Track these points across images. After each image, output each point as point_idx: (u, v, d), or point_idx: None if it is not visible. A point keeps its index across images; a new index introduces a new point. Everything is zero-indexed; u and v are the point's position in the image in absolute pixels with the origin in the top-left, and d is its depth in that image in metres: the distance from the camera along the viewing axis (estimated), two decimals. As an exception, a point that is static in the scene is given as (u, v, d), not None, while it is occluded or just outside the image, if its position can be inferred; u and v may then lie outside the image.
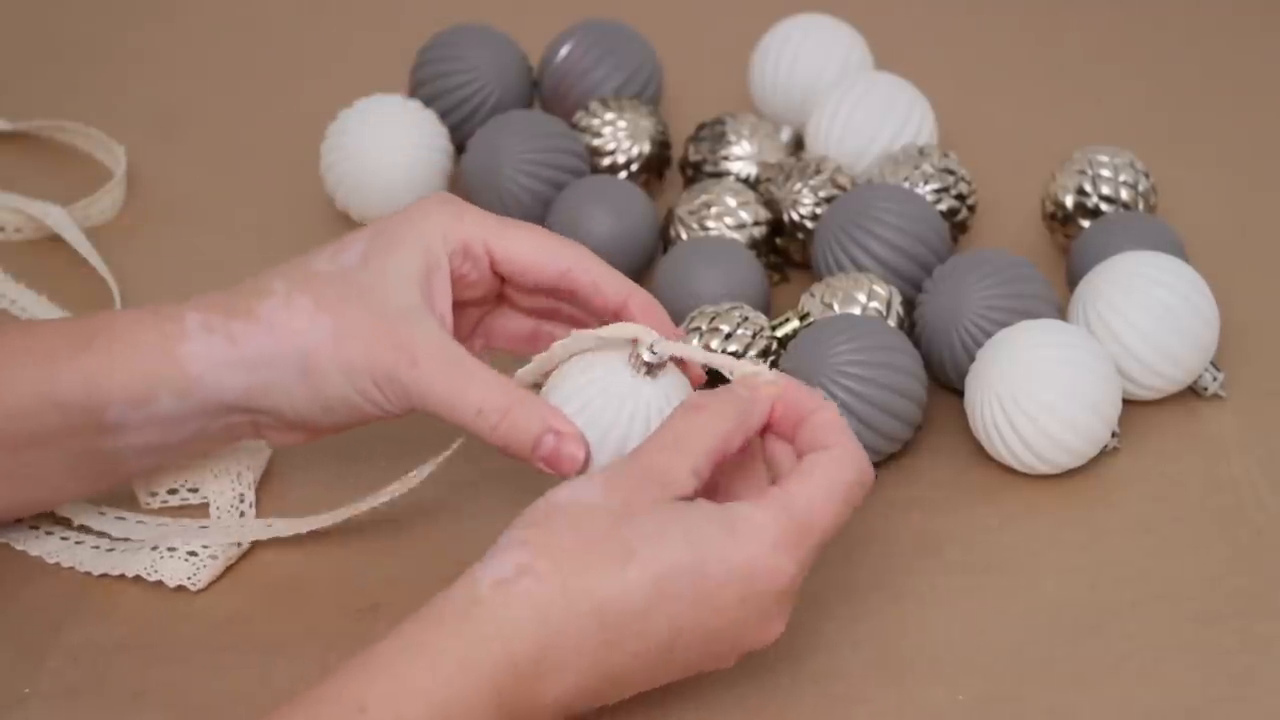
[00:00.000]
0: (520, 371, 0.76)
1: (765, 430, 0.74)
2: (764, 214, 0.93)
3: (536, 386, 0.77)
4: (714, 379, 0.83)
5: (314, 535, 0.81)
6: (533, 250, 0.78)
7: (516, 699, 0.66)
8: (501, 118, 0.96)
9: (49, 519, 0.82)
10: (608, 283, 0.77)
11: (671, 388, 0.75)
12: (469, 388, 0.74)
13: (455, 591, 0.67)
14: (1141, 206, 0.92)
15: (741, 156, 0.97)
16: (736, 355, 0.83)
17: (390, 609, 0.77)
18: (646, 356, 0.74)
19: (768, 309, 0.90)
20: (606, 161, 0.97)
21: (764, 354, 0.84)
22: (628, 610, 0.67)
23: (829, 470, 0.71)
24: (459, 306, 0.79)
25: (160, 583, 0.78)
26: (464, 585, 0.67)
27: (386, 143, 0.96)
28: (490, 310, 0.81)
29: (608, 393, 0.74)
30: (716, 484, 0.73)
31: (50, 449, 0.76)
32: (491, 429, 0.73)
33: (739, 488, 0.74)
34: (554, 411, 0.74)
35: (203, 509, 0.82)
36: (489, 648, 0.66)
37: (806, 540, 0.70)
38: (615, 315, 0.77)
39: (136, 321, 0.76)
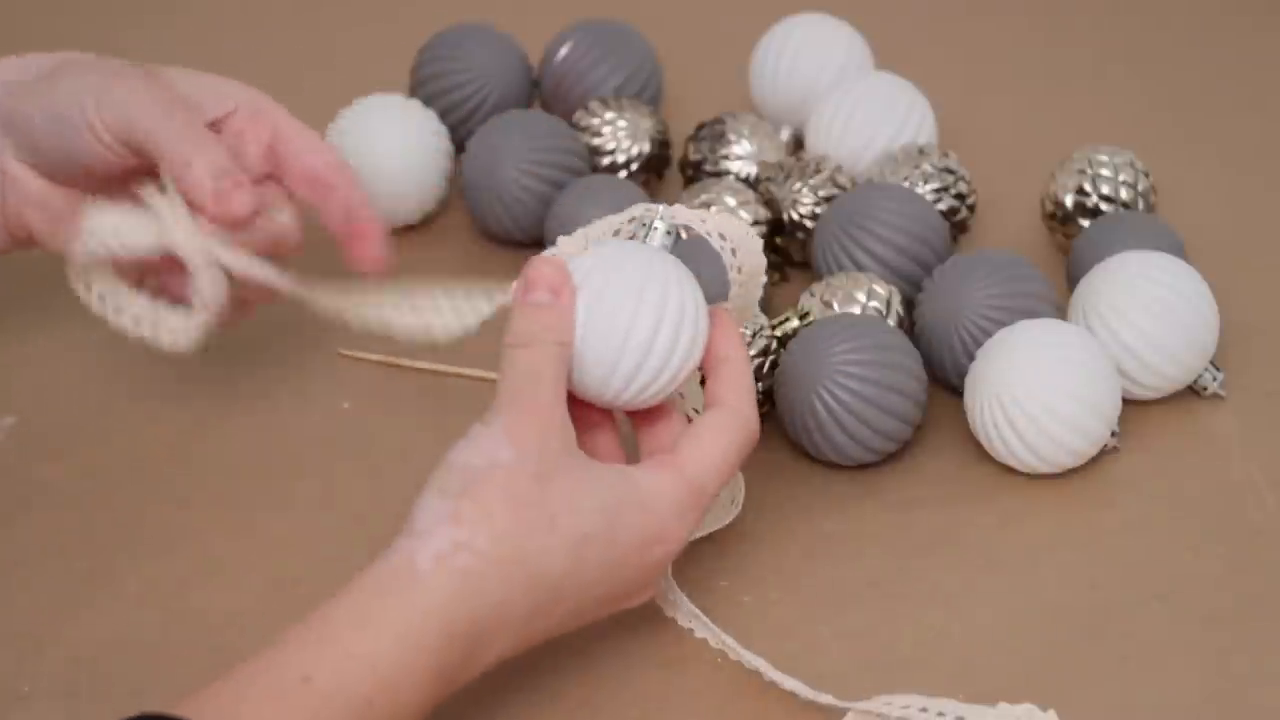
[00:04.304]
0: (561, 240, 0.75)
1: None
2: (764, 213, 0.93)
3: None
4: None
5: (310, 534, 0.81)
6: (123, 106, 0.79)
7: (455, 666, 0.68)
8: (501, 117, 0.96)
9: None
10: (165, 147, 0.78)
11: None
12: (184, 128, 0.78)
13: (392, 562, 0.68)
14: (1141, 206, 0.92)
15: (741, 156, 0.97)
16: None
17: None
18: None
19: (767, 308, 0.89)
20: (606, 161, 0.97)
21: (764, 353, 0.84)
22: (552, 576, 0.69)
23: (720, 434, 0.73)
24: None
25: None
26: (401, 557, 0.68)
27: (386, 142, 0.96)
28: None
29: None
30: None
31: None
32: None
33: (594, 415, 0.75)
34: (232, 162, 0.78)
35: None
36: (429, 622, 0.67)
37: (700, 503, 0.72)
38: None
39: None
